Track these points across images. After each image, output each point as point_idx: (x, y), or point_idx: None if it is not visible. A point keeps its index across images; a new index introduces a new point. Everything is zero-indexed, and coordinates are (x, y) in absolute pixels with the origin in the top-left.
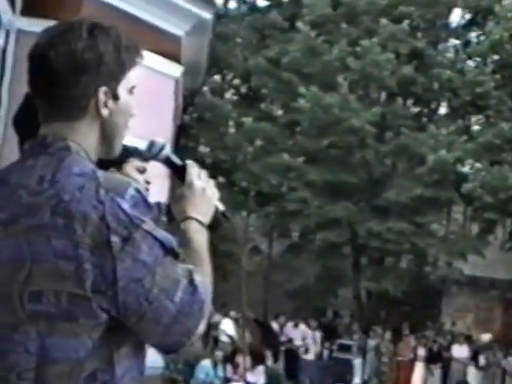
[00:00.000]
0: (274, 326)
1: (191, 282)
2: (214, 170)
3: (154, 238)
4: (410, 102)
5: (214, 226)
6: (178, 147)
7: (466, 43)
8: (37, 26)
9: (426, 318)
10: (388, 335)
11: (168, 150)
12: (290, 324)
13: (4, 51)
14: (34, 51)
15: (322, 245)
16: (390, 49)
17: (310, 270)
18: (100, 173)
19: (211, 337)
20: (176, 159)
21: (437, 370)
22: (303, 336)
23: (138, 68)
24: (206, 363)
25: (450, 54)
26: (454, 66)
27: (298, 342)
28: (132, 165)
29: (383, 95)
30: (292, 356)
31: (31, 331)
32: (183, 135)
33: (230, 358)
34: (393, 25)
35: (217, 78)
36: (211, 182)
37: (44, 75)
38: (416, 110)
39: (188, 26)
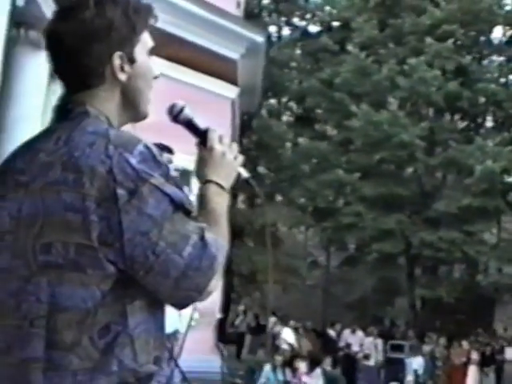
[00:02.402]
0: (331, 332)
1: (202, 238)
2: (272, 190)
3: (163, 193)
4: (457, 116)
5: (276, 243)
6: None
7: (509, 58)
8: None
9: (479, 325)
10: (442, 341)
11: (189, 113)
12: (347, 331)
13: None
14: (47, 27)
15: (377, 256)
16: (436, 66)
17: (367, 281)
18: (113, 131)
19: (273, 345)
20: (198, 122)
21: (490, 373)
22: (361, 342)
23: (197, 90)
24: (266, 368)
25: (494, 69)
26: (498, 81)
27: (355, 348)
28: None
29: (431, 111)
30: (350, 361)
31: (42, 281)
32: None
33: (288, 363)
34: (438, 43)
35: (273, 101)
36: (234, 147)
37: (58, 48)
38: (463, 124)
39: (242, 50)
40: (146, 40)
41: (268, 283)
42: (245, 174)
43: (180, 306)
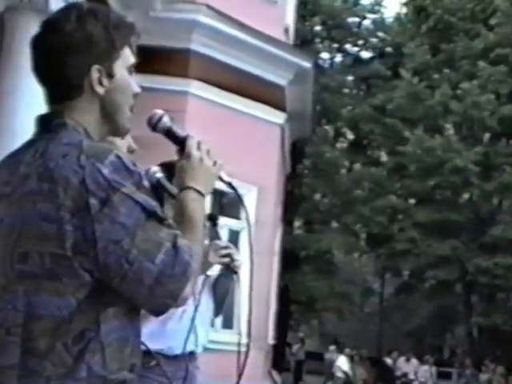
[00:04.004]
0: (388, 361)
1: (174, 245)
2: (328, 216)
3: (135, 202)
4: None
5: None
6: (289, 195)
7: None
8: (149, 82)
9: None
10: (500, 369)
11: (167, 121)
12: (401, 359)
13: None
14: (31, 39)
15: (433, 283)
16: (489, 90)
17: (424, 309)
18: (86, 142)
19: (328, 373)
20: (177, 130)
21: None
22: (415, 370)
23: (245, 116)
24: None
25: None
26: None
27: (411, 376)
28: None
29: (486, 135)
30: None
31: (19, 290)
32: (297, 185)
33: None
34: (491, 67)
35: (327, 127)
36: (212, 153)
37: (39, 59)
38: None
39: (290, 76)
40: (126, 56)
41: (327, 311)
42: (226, 178)
43: (156, 312)
